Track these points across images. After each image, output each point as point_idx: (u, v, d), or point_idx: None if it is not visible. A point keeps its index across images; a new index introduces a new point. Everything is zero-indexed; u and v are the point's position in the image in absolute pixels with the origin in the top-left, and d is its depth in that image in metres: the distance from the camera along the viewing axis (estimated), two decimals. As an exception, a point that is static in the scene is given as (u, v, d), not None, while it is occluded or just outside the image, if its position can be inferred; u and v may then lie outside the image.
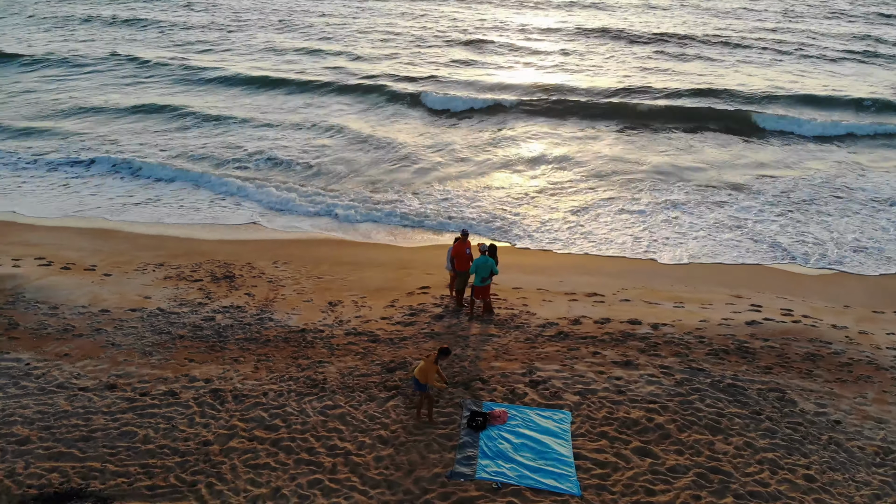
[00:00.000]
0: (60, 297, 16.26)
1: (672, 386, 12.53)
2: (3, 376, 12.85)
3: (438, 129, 31.90)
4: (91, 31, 54.34)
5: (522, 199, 24.06)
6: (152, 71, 42.36)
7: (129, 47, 48.26)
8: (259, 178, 25.86)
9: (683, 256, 19.81)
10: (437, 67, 42.07)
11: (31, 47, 47.82)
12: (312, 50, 46.95)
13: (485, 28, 55.15)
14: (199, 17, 60.78)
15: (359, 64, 43.07)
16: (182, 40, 51.08)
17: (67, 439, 11.10)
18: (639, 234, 21.18)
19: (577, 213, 22.81)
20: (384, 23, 56.87)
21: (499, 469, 10.26)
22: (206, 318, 15.37)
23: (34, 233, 21.61)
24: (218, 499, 9.82)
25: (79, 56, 45.41)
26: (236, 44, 49.76)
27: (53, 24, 58.14)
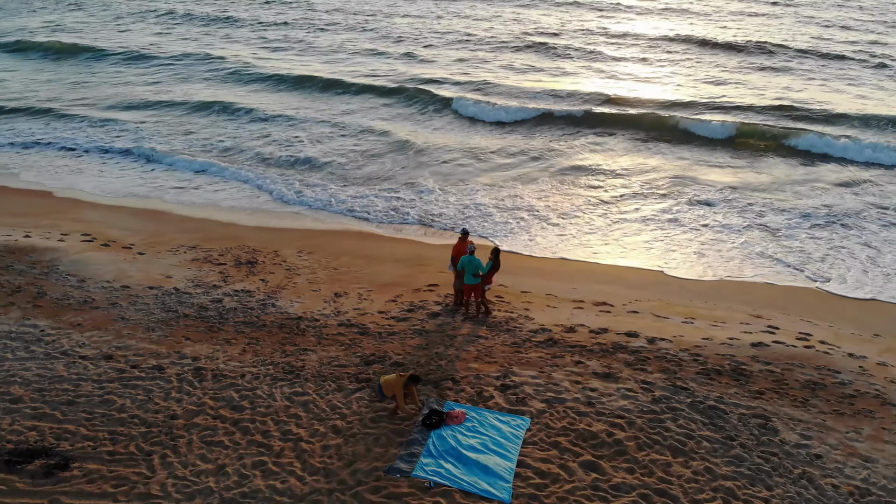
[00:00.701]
0: (90, 271, 17.39)
1: (647, 402, 12.12)
2: (17, 340, 13.91)
3: (479, 136, 31.68)
4: (185, 28, 57.19)
5: (553, 206, 23.69)
6: (222, 67, 43.97)
7: (214, 46, 50.34)
8: (299, 175, 26.59)
9: (712, 272, 18.99)
10: (497, 72, 41.71)
11: (123, 43, 50.83)
12: (379, 52, 47.35)
13: (568, 31, 54.14)
14: (292, 14, 62.81)
15: (421, 67, 43.00)
16: (265, 38, 52.90)
17: (54, 402, 11.93)
18: (670, 247, 20.47)
19: (608, 223, 22.26)
20: (463, 25, 56.92)
21: (438, 469, 10.27)
22: (214, 300, 16.07)
23: (92, 210, 23.14)
24: (166, 470, 10.31)
25: (162, 52, 47.80)
26: (313, 44, 50.94)
27: (147, 19, 61.37)
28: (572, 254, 20.08)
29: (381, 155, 28.59)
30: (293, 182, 25.64)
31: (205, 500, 9.77)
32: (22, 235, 19.61)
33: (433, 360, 13.44)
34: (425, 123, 33.60)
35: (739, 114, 33.41)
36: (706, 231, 21.56)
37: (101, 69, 44.12)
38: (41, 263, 17.63)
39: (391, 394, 11.31)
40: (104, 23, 60.11)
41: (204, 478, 10.20)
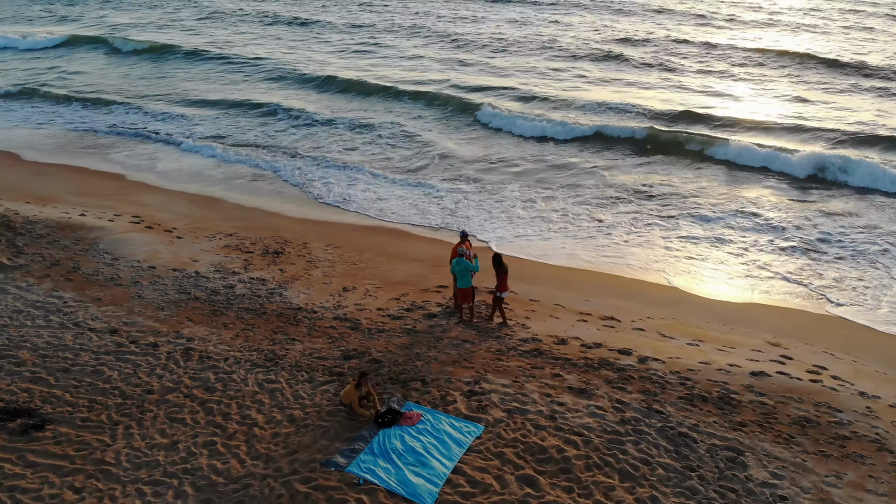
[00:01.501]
0: (126, 250, 18.60)
1: (614, 422, 11.74)
2: (40, 309, 15.11)
3: (528, 146, 31.12)
4: (265, 31, 59.29)
5: (585, 217, 23.13)
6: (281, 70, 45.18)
7: (281, 49, 51.79)
8: (351, 175, 27.27)
9: (743, 294, 18.07)
10: (570, 81, 40.87)
11: (210, 42, 53.31)
12: (449, 59, 47.15)
13: (664, 42, 52.21)
14: (371, 18, 64.05)
15: (486, 78, 42.39)
16: (345, 43, 54.08)
17: (52, 368, 12.89)
18: (706, 266, 19.62)
19: (641, 238, 21.53)
20: (548, 33, 56.13)
21: (373, 467, 10.38)
22: (227, 286, 16.82)
23: (153, 195, 24.67)
24: (125, 440, 10.96)
25: (239, 53, 49.70)
26: (389, 51, 51.47)
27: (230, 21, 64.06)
28: (598, 266, 19.55)
29: (427, 163, 28.81)
30: (341, 181, 26.27)
31: (150, 471, 10.30)
32: (78, 214, 21.18)
33: (411, 359, 13.53)
34: (468, 132, 33.33)
35: (823, 139, 30.87)
36: (750, 252, 20.46)
37: (191, 67, 46.60)
38: (84, 240, 18.98)
39: (348, 402, 11.51)
40: (202, 22, 63.48)
41: (156, 451, 10.74)
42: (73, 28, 60.33)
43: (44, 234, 19.20)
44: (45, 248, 18.25)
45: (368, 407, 11.60)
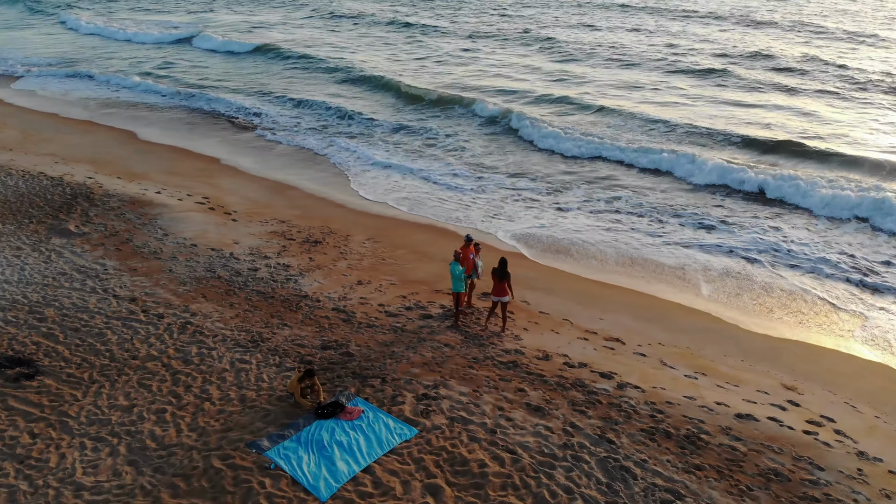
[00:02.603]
0: (178, 228, 20.15)
1: (555, 445, 11.36)
2: (82, 273, 16.80)
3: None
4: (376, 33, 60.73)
5: (636, 239, 22.14)
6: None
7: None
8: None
9: (787, 330, 16.69)
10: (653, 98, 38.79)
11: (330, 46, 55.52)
12: (554, 71, 46.04)
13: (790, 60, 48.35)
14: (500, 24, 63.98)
15: (568, 88, 41.02)
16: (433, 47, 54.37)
17: (65, 326, 14.35)
18: (757, 295, 18.27)
19: (690, 262, 20.31)
20: (663, 42, 53.51)
21: (291, 454, 10.74)
22: (251, 269, 17.81)
23: (233, 178, 26.46)
24: (93, 398, 12.06)
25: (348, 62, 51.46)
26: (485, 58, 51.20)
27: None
28: (632, 283, 18.74)
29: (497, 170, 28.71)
30: (406, 181, 26.98)
31: (99, 428, 11.27)
32: (154, 191, 23.18)
33: (384, 357, 13.73)
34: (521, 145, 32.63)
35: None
36: (808, 287, 18.77)
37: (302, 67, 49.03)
38: (147, 216, 20.77)
39: (292, 391, 11.91)
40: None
41: (112, 411, 11.71)
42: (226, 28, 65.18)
43: (115, 206, 21.18)
44: (111, 220, 20.15)
45: (310, 398, 11.90)
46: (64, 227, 19.54)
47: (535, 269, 19.65)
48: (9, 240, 18.45)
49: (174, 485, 10.11)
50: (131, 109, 36.77)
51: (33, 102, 37.42)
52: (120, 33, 58.84)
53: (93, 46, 55.01)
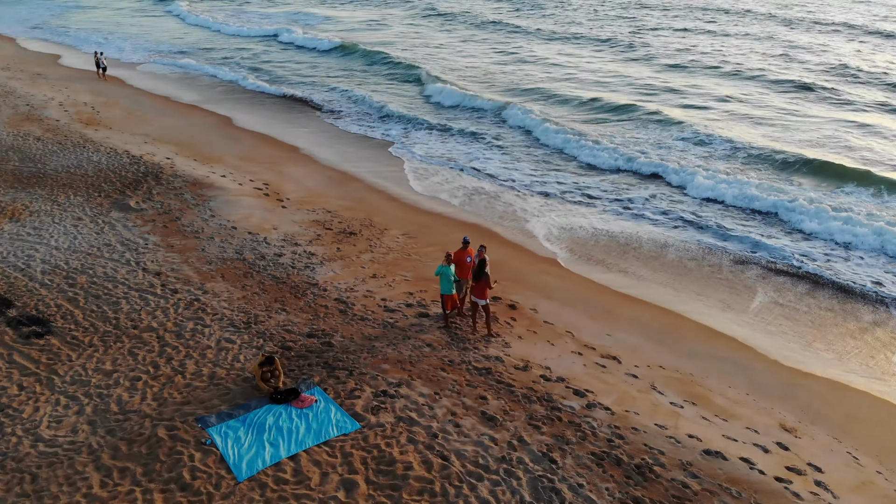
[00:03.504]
0: (227, 210, 21.38)
1: (493, 457, 11.20)
2: (123, 246, 18.29)
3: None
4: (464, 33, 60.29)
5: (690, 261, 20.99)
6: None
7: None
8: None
9: (824, 369, 15.45)
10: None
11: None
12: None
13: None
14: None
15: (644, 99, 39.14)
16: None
17: (90, 293, 15.73)
18: (805, 330, 16.99)
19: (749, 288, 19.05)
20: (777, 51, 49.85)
21: (230, 433, 11.27)
22: (277, 254, 18.62)
23: (302, 167, 27.61)
24: (84, 360, 13.18)
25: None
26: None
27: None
28: (664, 300, 17.98)
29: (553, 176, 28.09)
30: (466, 180, 27.01)
31: (77, 388, 12.34)
32: (219, 175, 24.66)
33: (362, 350, 14.01)
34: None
35: None
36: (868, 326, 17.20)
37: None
38: (202, 197, 22.16)
39: (253, 374, 12.44)
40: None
41: (94, 374, 12.75)
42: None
43: (178, 186, 22.76)
44: (169, 199, 21.68)
45: (270, 383, 12.35)
46: (126, 202, 21.21)
47: (563, 277, 19.17)
48: (74, 210, 20.30)
49: (117, 447, 10.86)
50: (235, 97, 39.04)
51: (150, 85, 40.67)
52: (223, 26, 62.33)
53: (202, 38, 58.81)
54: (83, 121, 30.69)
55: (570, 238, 21.62)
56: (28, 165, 24.06)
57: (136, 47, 52.90)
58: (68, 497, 9.85)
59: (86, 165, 24.21)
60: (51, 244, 18.10)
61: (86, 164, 24.30)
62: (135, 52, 50.98)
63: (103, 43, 53.41)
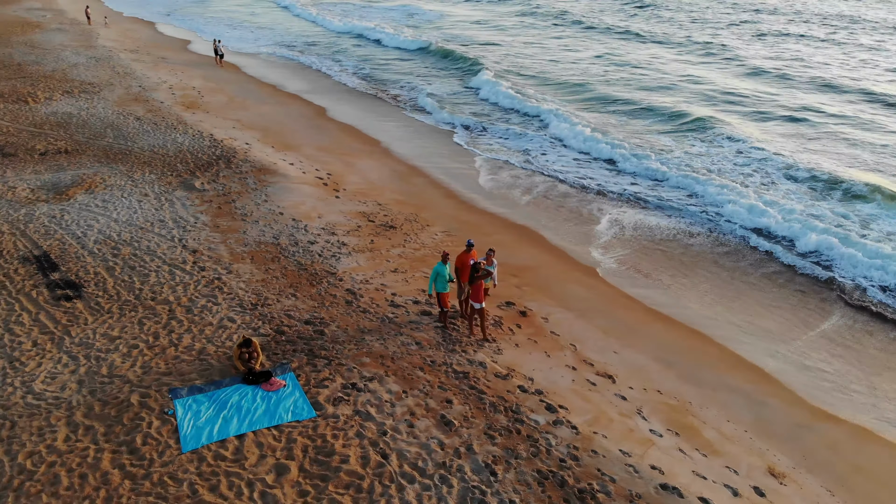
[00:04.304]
0: (281, 197, 22.42)
1: (434, 462, 11.23)
2: (173, 223, 19.69)
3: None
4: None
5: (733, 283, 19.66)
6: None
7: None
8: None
9: (854, 414, 14.24)
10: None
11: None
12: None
13: None
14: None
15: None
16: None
17: (127, 264, 17.12)
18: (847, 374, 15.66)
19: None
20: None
21: (194, 406, 11.98)
22: (310, 241, 19.36)
23: (372, 159, 28.40)
24: (97, 325, 14.41)
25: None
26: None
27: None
28: (703, 324, 17.09)
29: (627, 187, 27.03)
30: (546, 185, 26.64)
31: (80, 349, 13.56)
32: (288, 162, 25.86)
33: (349, 341, 14.38)
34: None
35: None
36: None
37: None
38: (263, 182, 23.36)
39: (233, 354, 13.11)
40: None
41: (100, 338, 13.93)
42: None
43: (244, 171, 24.11)
44: (232, 182, 23.03)
45: (249, 364, 12.95)
46: (192, 182, 22.75)
47: (593, 288, 18.63)
48: (143, 187, 22.04)
49: (91, 406, 11.83)
50: (335, 90, 40.43)
51: (261, 73, 43.04)
52: (324, 21, 64.11)
53: (313, 32, 61.07)
54: (185, 104, 33.04)
55: (624, 248, 20.91)
56: (120, 142, 26.30)
57: (257, 38, 56.03)
58: (33, 446, 10.85)
59: (169, 146, 26.11)
60: (111, 216, 19.74)
61: (169, 145, 26.21)
62: (255, 42, 53.99)
63: (226, 32, 56.98)
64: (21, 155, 24.38)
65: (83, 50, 44.32)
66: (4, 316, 14.55)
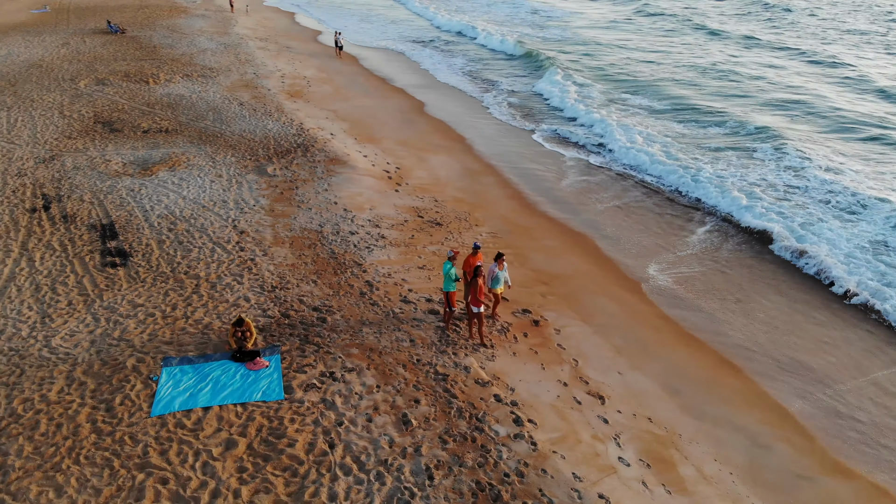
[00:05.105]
0: (342, 187, 23.31)
1: (375, 458, 11.46)
2: (234, 203, 21.09)
3: None
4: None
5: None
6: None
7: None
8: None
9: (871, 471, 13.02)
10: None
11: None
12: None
13: None
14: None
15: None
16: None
17: (177, 238, 18.60)
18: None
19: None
20: None
21: (178, 375, 12.94)
22: (352, 232, 20.07)
23: (450, 156, 28.71)
24: (127, 292, 15.85)
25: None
26: None
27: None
28: (745, 364, 16.14)
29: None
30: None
31: (103, 312, 15.01)
32: (362, 154, 26.77)
33: (346, 331, 14.89)
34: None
35: None
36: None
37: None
38: (331, 172, 24.40)
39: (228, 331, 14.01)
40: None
41: (125, 305, 15.37)
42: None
43: (317, 160, 25.29)
44: (301, 170, 24.25)
45: (239, 341, 13.78)
46: (265, 167, 24.18)
47: (627, 304, 17.98)
48: (219, 168, 23.71)
49: (92, 365, 13.11)
50: (439, 86, 40.95)
51: (375, 66, 44.46)
52: (442, 20, 63.96)
53: (431, 28, 61.73)
54: (290, 93, 34.95)
55: (687, 267, 19.92)
56: (216, 125, 28.35)
57: (385, 31, 57.79)
58: (29, 394, 12.20)
59: (258, 132, 27.80)
60: (181, 193, 21.44)
61: (258, 131, 27.90)
62: (382, 36, 55.71)
63: (356, 25, 59.18)
64: (126, 131, 26.92)
65: (217, 36, 47.86)
66: (55, 275, 16.29)
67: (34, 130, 26.45)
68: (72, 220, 19.27)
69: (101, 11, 55.35)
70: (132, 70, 36.24)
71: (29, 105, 29.64)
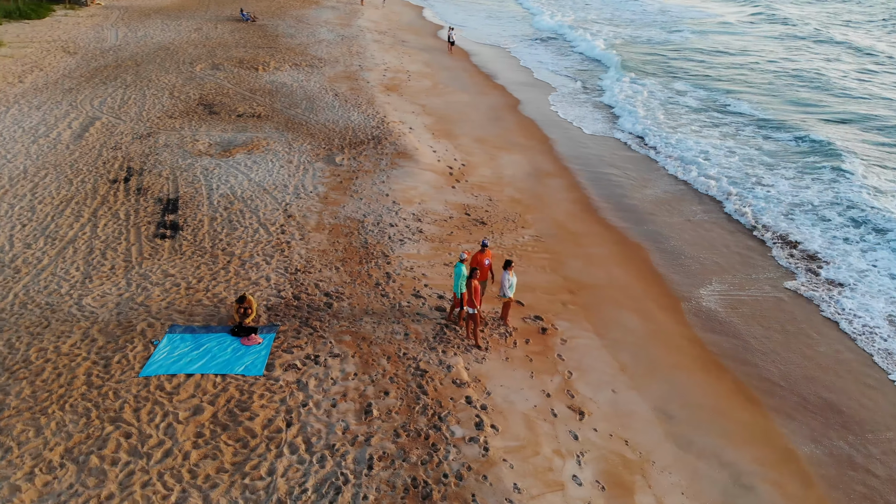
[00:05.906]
0: (399, 180, 23.92)
1: (325, 443, 11.91)
2: (301, 189, 22.31)
3: None
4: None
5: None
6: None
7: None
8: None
9: None
10: None
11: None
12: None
13: None
14: None
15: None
16: None
17: (228, 218, 20.01)
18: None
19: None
20: None
21: (177, 342, 14.02)
22: (391, 224, 20.61)
23: (523, 156, 28.60)
24: (167, 266, 17.33)
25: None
26: None
27: None
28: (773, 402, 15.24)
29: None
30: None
31: (137, 279, 16.48)
32: (431, 150, 27.26)
33: (347, 318, 15.47)
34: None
35: None
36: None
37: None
38: (394, 164, 25.09)
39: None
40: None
41: (156, 273, 16.79)
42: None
43: (386, 153, 26.10)
44: (366, 161, 25.14)
45: (242, 317, 14.74)
46: (335, 157, 25.29)
47: (656, 322, 17.33)
48: (294, 155, 25.08)
49: (108, 324, 14.51)
50: (545, 87, 40.58)
51: (482, 62, 44.75)
52: (560, 25, 62.29)
53: (549, 28, 60.56)
54: (387, 86, 36.08)
55: (742, 291, 18.91)
56: (305, 114, 29.89)
57: (505, 28, 57.85)
58: (46, 344, 13.74)
59: (340, 122, 29.03)
60: (249, 176, 22.92)
61: (341, 121, 29.13)
62: (502, 33, 55.79)
63: (478, 21, 59.58)
64: (223, 114, 29.01)
65: (339, 28, 50.06)
66: (110, 241, 18.06)
67: (141, 108, 29.12)
68: (144, 192, 21.14)
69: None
70: (247, 57, 38.78)
71: (145, 84, 32.61)
